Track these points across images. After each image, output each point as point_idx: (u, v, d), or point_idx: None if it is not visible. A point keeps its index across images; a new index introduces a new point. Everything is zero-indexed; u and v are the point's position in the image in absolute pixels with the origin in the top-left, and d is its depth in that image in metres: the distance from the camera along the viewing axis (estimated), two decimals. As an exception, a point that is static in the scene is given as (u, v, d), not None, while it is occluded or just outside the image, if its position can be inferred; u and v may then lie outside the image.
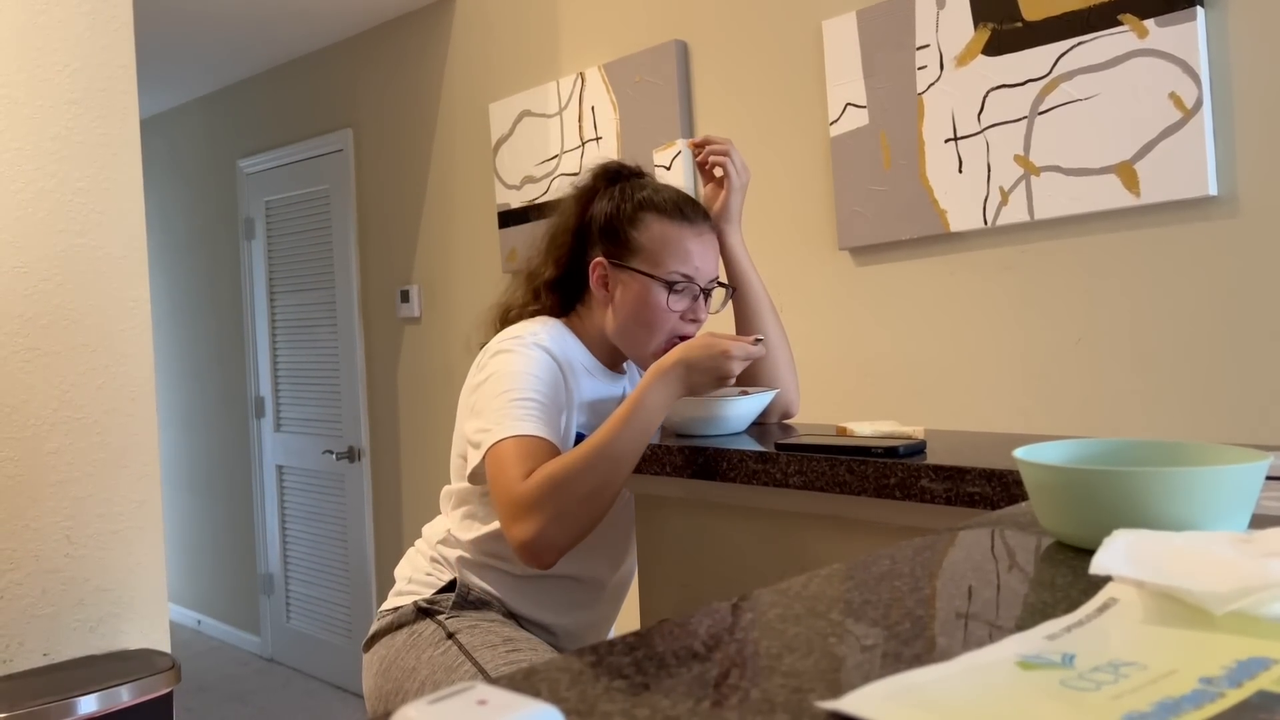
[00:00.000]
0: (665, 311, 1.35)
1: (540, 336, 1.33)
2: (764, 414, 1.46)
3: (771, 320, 1.49)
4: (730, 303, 1.49)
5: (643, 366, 1.41)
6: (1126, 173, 1.81)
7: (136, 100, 2.21)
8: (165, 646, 2.18)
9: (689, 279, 1.36)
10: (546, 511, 1.15)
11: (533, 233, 1.52)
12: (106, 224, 2.14)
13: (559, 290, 1.43)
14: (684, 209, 1.39)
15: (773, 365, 1.48)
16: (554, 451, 1.22)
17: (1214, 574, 0.49)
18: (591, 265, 1.39)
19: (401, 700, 1.29)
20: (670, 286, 1.35)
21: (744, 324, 1.49)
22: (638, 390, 1.21)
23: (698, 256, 1.37)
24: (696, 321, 1.40)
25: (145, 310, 2.20)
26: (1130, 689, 0.40)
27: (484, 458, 1.23)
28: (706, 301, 1.41)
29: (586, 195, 1.44)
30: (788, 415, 1.50)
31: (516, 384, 1.26)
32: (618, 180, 1.44)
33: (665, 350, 1.32)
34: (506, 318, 1.46)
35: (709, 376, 1.20)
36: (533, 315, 1.43)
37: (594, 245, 1.40)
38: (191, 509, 4.74)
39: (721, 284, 1.45)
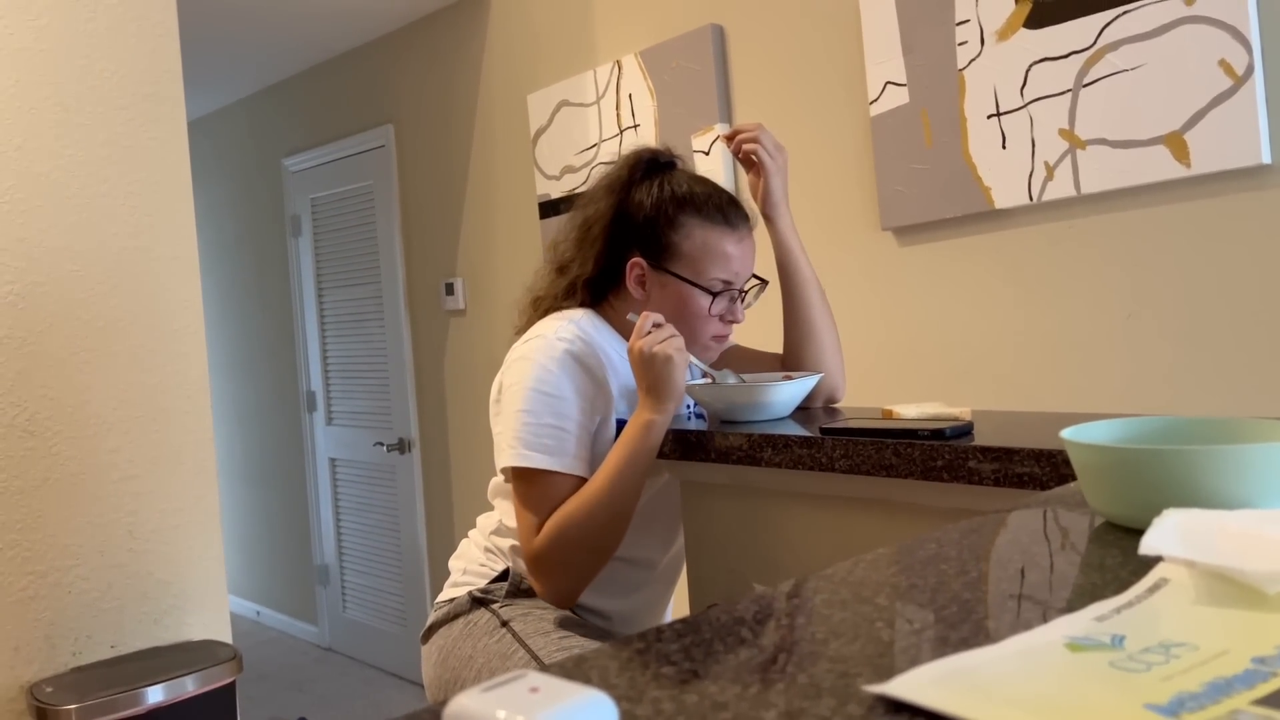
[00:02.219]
0: (705, 317, 1.36)
1: (566, 337, 1.33)
2: (809, 398, 1.46)
3: (819, 305, 1.47)
4: (780, 287, 1.48)
5: None
6: (1176, 143, 1.77)
7: (183, 103, 2.25)
8: (226, 637, 2.23)
9: (729, 284, 1.37)
10: (560, 571, 1.27)
11: (564, 222, 1.51)
12: (157, 226, 2.19)
13: (594, 288, 1.42)
14: (726, 212, 1.37)
15: (818, 349, 1.47)
16: (560, 484, 1.28)
17: (1267, 553, 0.48)
18: (629, 265, 1.38)
19: (460, 688, 1.31)
20: (713, 294, 1.35)
21: (791, 309, 1.47)
22: (623, 438, 1.26)
23: (738, 261, 1.37)
24: (735, 321, 1.40)
25: (197, 309, 2.24)
26: (1181, 670, 0.40)
27: (504, 470, 1.32)
28: (744, 300, 1.42)
29: (620, 186, 1.41)
30: (833, 400, 1.49)
31: (531, 404, 1.29)
32: (652, 171, 1.42)
33: (708, 345, 1.39)
34: (538, 304, 1.46)
35: (661, 378, 1.23)
36: (564, 309, 1.43)
37: (631, 243, 1.38)
38: (248, 502, 4.84)
39: (759, 278, 1.45)
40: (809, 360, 1.47)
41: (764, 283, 1.46)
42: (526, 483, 1.30)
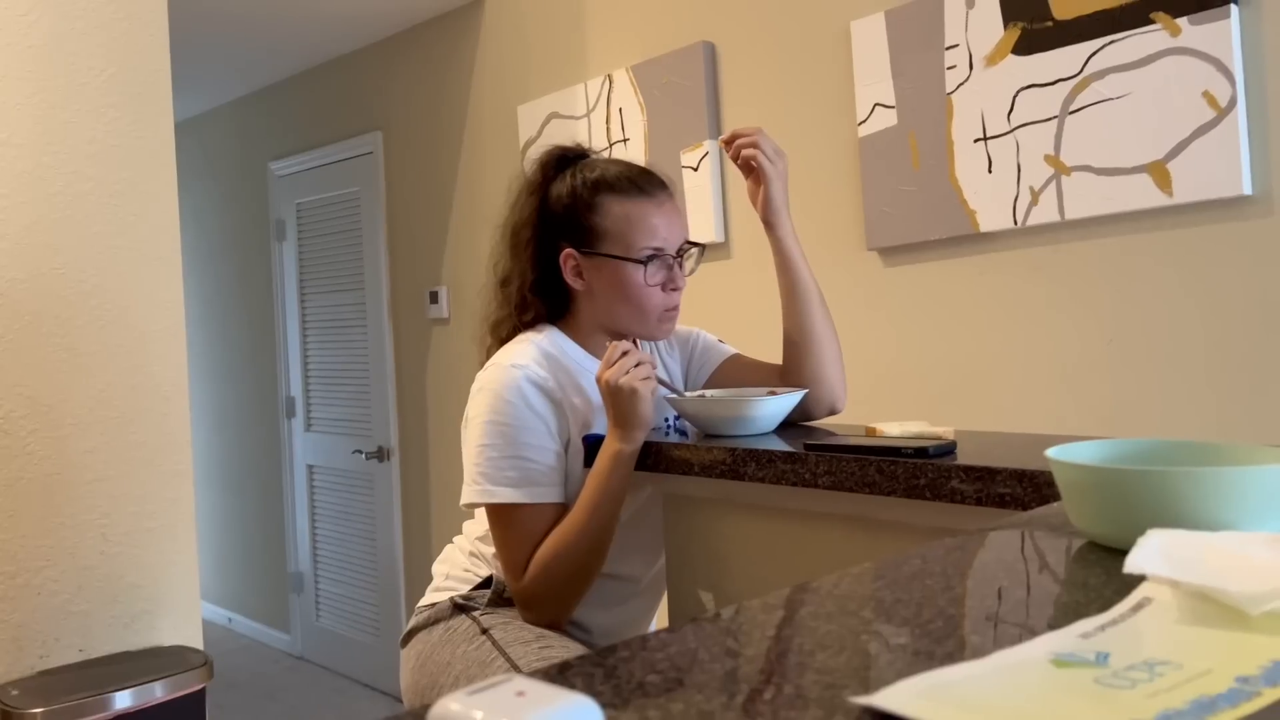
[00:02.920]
0: (645, 288, 1.36)
1: (521, 362, 1.32)
2: (810, 411, 1.42)
3: (820, 315, 1.43)
4: (780, 296, 1.45)
5: (645, 338, 1.42)
6: (1159, 172, 1.79)
7: (171, 104, 2.24)
8: (198, 643, 2.21)
9: (660, 250, 1.36)
10: (547, 602, 1.30)
11: (495, 239, 1.50)
12: (141, 226, 2.17)
13: (542, 292, 1.41)
14: (639, 182, 1.38)
15: (818, 359, 1.42)
16: (534, 515, 1.30)
17: (1249, 574, 0.49)
18: (562, 258, 1.38)
19: (437, 694, 1.30)
20: (644, 263, 1.35)
21: (791, 317, 1.43)
22: (594, 469, 1.28)
23: (664, 228, 1.37)
24: (677, 289, 1.39)
25: (179, 311, 2.23)
26: (1166, 687, 0.40)
27: (474, 504, 1.34)
28: (681, 267, 1.41)
29: (537, 187, 1.42)
30: (834, 410, 1.44)
31: (491, 438, 1.30)
32: (564, 165, 1.42)
33: (660, 320, 1.39)
34: (498, 329, 1.44)
35: (627, 410, 1.25)
36: (526, 325, 1.42)
37: (559, 237, 1.39)
38: (223, 507, 4.79)
39: (693, 243, 1.43)
40: (808, 370, 1.42)
41: (701, 247, 1.45)
42: (500, 518, 1.31)
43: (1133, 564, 0.52)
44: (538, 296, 1.41)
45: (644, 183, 1.38)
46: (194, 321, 4.84)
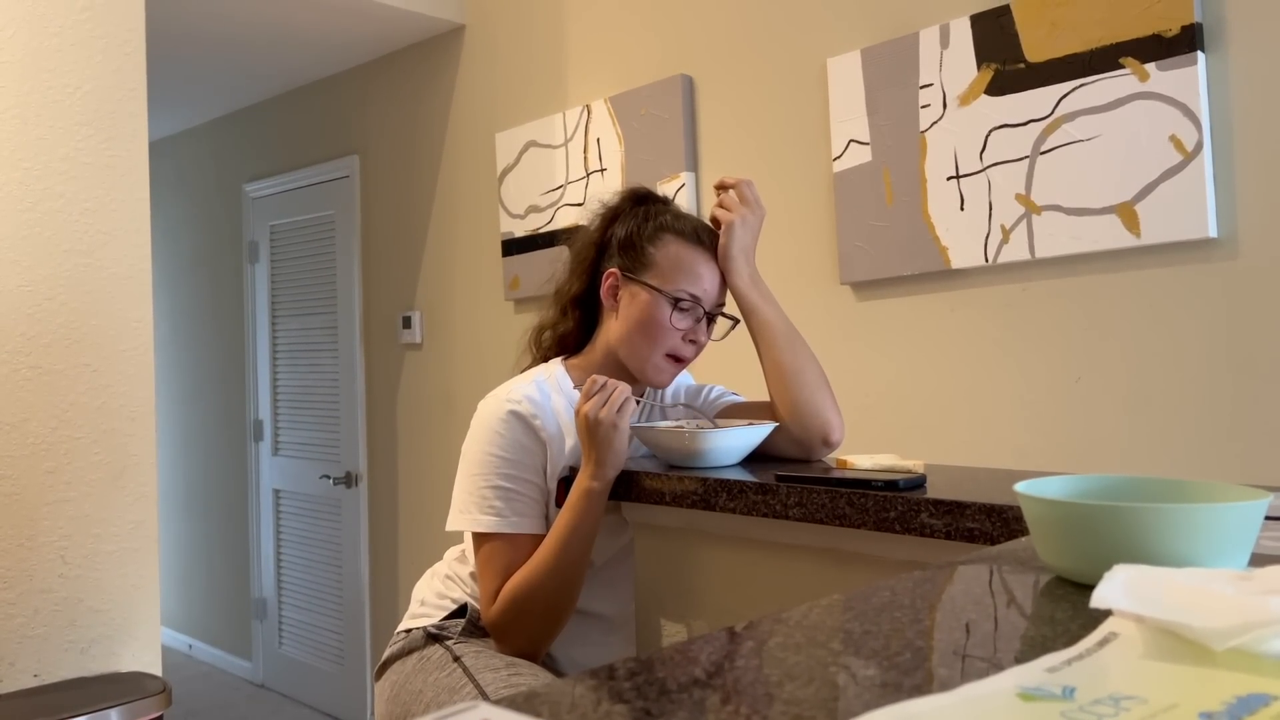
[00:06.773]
0: (667, 327, 1.38)
1: (516, 397, 1.35)
2: (806, 445, 1.38)
3: (788, 352, 1.40)
4: (749, 337, 1.45)
5: (641, 379, 1.42)
6: (1127, 213, 1.82)
7: (146, 123, 2.23)
8: (157, 670, 2.16)
9: (696, 300, 1.39)
10: (517, 636, 1.31)
11: (539, 260, 1.56)
12: (112, 245, 2.15)
13: (582, 307, 1.48)
14: (702, 236, 1.43)
15: (795, 397, 1.38)
16: (512, 544, 1.31)
17: (1214, 610, 0.49)
18: (604, 274, 1.43)
19: (409, 721, 1.29)
20: (675, 303, 1.38)
21: (763, 356, 1.42)
22: (565, 507, 1.29)
23: (708, 280, 1.40)
24: (695, 343, 1.41)
25: (148, 331, 2.20)
26: (1131, 722, 0.40)
27: (456, 529, 1.36)
28: (709, 326, 1.43)
29: (612, 214, 1.48)
30: (828, 442, 1.38)
31: (483, 467, 1.33)
32: (643, 203, 1.48)
33: (664, 363, 1.40)
34: (540, 336, 1.52)
35: (604, 446, 1.26)
36: (560, 335, 1.49)
37: (611, 259, 1.44)
38: (186, 531, 4.72)
39: (726, 315, 1.45)
40: (789, 406, 1.38)
41: (736, 321, 1.46)
42: (480, 546, 1.33)
43: (1099, 599, 0.52)
44: (576, 309, 1.48)
45: (705, 236, 1.43)
46: (162, 342, 4.79)
